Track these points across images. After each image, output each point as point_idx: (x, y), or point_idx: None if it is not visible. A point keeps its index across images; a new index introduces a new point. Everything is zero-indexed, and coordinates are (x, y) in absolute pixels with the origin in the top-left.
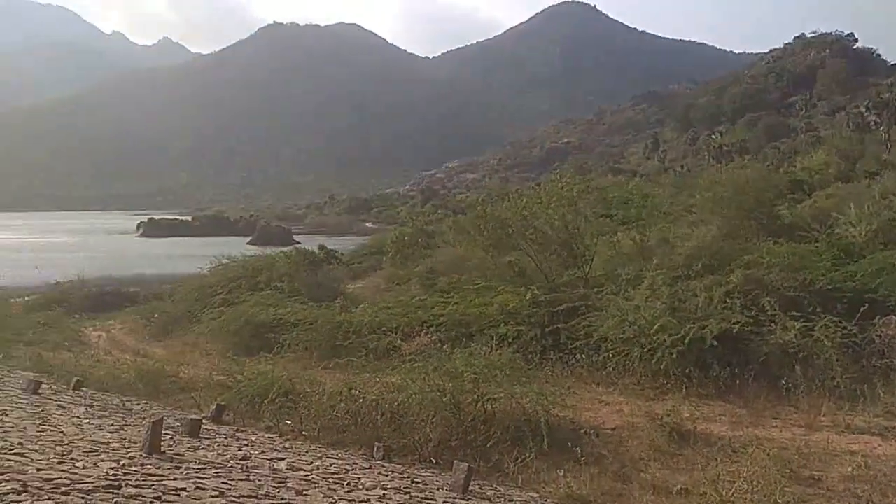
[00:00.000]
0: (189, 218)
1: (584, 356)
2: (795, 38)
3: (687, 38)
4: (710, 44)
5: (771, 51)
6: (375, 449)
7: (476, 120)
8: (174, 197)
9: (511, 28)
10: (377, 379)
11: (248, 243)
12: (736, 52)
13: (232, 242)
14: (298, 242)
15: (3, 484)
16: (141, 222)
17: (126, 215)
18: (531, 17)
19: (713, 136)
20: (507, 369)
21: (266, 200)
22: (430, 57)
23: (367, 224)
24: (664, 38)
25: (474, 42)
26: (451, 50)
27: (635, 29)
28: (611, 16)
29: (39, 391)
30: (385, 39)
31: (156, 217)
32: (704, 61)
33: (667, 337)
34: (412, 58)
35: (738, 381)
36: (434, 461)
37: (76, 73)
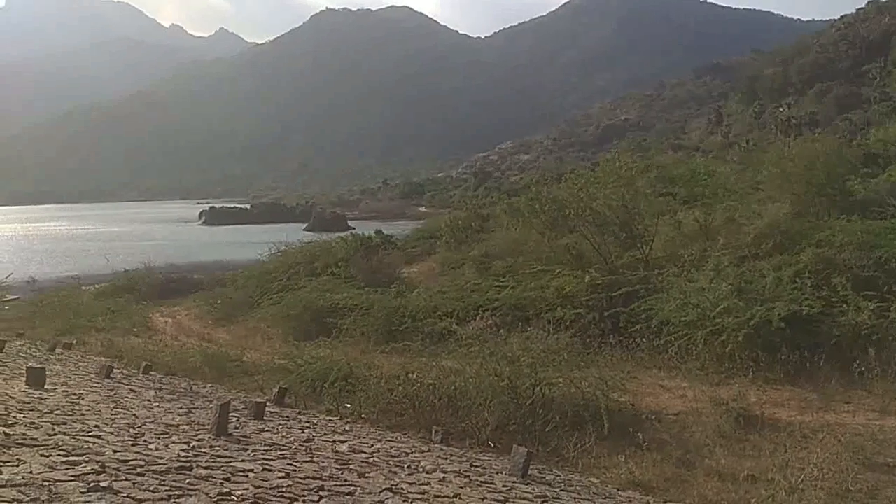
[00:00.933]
0: (248, 206)
1: (644, 340)
2: (869, 2)
3: (751, 7)
4: (777, 11)
5: (842, 17)
6: (434, 432)
7: (530, 100)
8: (233, 185)
9: (566, 3)
10: (434, 363)
11: (304, 229)
12: (804, 19)
13: (289, 229)
14: (353, 228)
15: (84, 465)
16: (203, 211)
17: (188, 204)
18: None
19: (780, 109)
20: (565, 354)
21: (321, 187)
22: (483, 37)
23: (420, 208)
24: (727, 7)
25: (528, 20)
26: (504, 29)
27: None
28: None
29: (112, 375)
30: (437, 21)
31: (216, 206)
32: (770, 30)
33: (732, 319)
34: (465, 38)
35: (807, 365)
36: (492, 445)
37: (139, 67)
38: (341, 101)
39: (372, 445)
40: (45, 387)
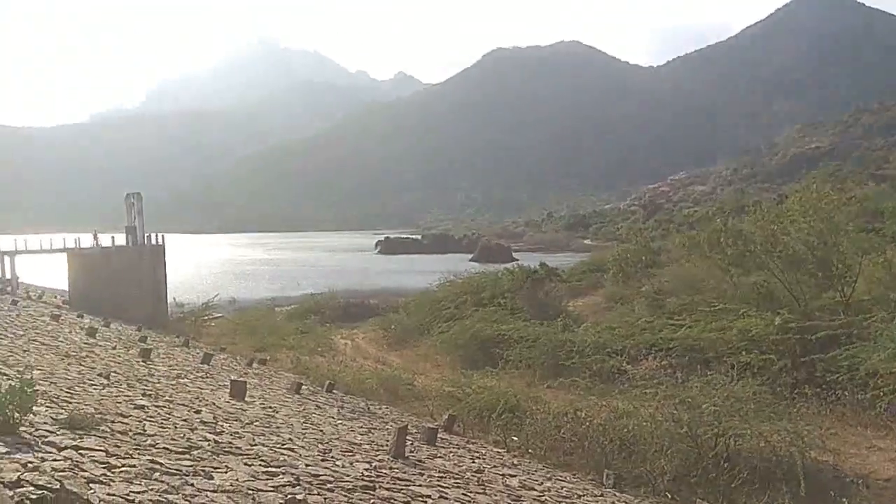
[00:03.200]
0: (419, 236)
1: (847, 393)
2: None
3: None
4: None
5: None
6: (605, 476)
7: (705, 129)
8: (407, 217)
9: (746, 28)
10: (604, 402)
11: (470, 260)
12: None
13: (456, 259)
14: (517, 259)
15: (281, 476)
16: (379, 241)
17: (366, 234)
18: (769, 15)
19: None
20: (752, 403)
21: (487, 218)
22: (656, 66)
23: (585, 241)
24: None
25: (704, 46)
26: (678, 57)
27: None
28: (867, 3)
29: (300, 391)
30: (606, 53)
31: (391, 236)
32: None
33: None
34: (635, 69)
35: None
36: (670, 496)
37: (326, 109)
38: (511, 136)
39: (542, 483)
40: (246, 399)
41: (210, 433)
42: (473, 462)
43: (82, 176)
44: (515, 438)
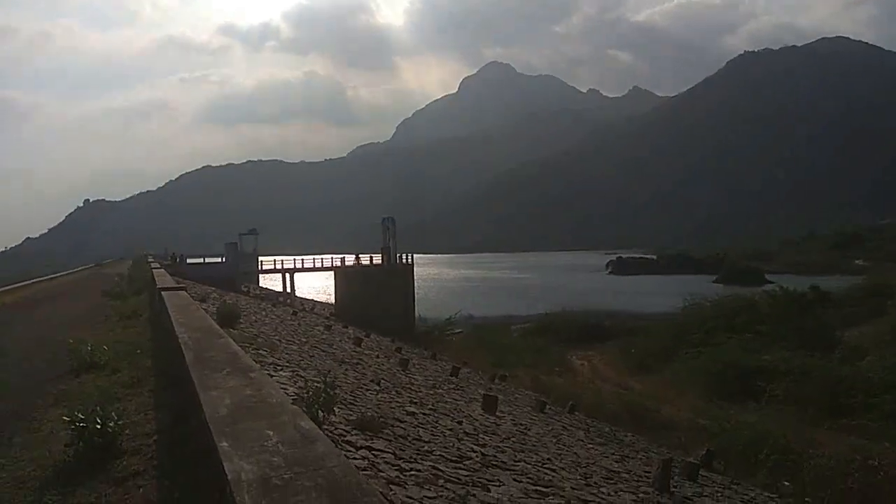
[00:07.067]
0: (654, 256)
1: None
2: None
3: None
4: None
5: None
6: None
7: None
8: (638, 236)
9: None
10: None
11: (714, 282)
12: None
13: (697, 281)
14: (771, 282)
15: (551, 497)
16: (610, 261)
17: (596, 254)
18: None
19: None
20: None
21: (732, 238)
22: None
23: (856, 262)
24: None
25: None
26: None
27: None
28: None
29: (545, 410)
30: (879, 47)
31: (623, 256)
32: None
33: None
34: None
35: None
36: None
37: (558, 132)
38: (760, 147)
39: None
40: (497, 413)
41: (475, 445)
42: None
43: (342, 202)
44: (788, 483)
